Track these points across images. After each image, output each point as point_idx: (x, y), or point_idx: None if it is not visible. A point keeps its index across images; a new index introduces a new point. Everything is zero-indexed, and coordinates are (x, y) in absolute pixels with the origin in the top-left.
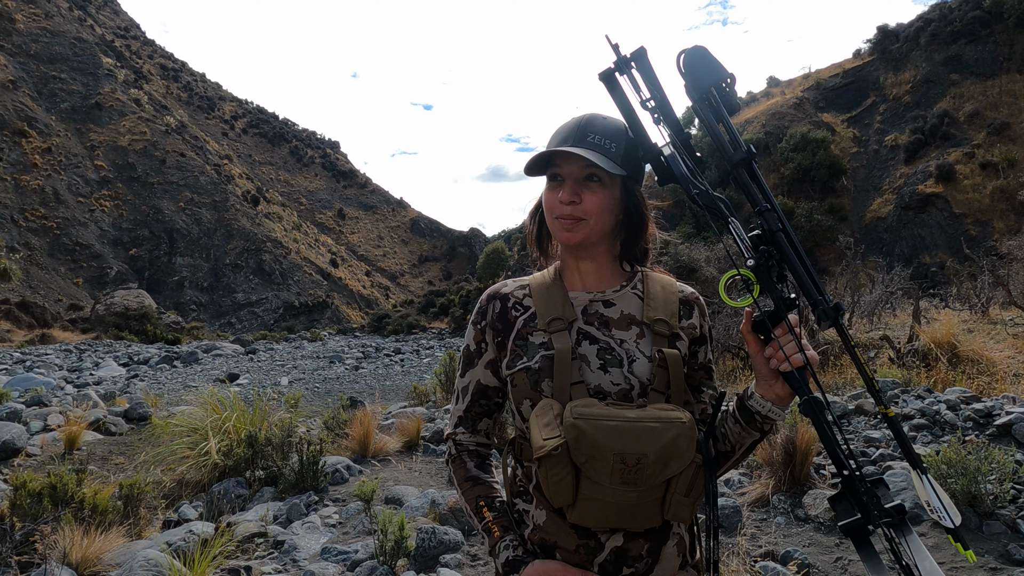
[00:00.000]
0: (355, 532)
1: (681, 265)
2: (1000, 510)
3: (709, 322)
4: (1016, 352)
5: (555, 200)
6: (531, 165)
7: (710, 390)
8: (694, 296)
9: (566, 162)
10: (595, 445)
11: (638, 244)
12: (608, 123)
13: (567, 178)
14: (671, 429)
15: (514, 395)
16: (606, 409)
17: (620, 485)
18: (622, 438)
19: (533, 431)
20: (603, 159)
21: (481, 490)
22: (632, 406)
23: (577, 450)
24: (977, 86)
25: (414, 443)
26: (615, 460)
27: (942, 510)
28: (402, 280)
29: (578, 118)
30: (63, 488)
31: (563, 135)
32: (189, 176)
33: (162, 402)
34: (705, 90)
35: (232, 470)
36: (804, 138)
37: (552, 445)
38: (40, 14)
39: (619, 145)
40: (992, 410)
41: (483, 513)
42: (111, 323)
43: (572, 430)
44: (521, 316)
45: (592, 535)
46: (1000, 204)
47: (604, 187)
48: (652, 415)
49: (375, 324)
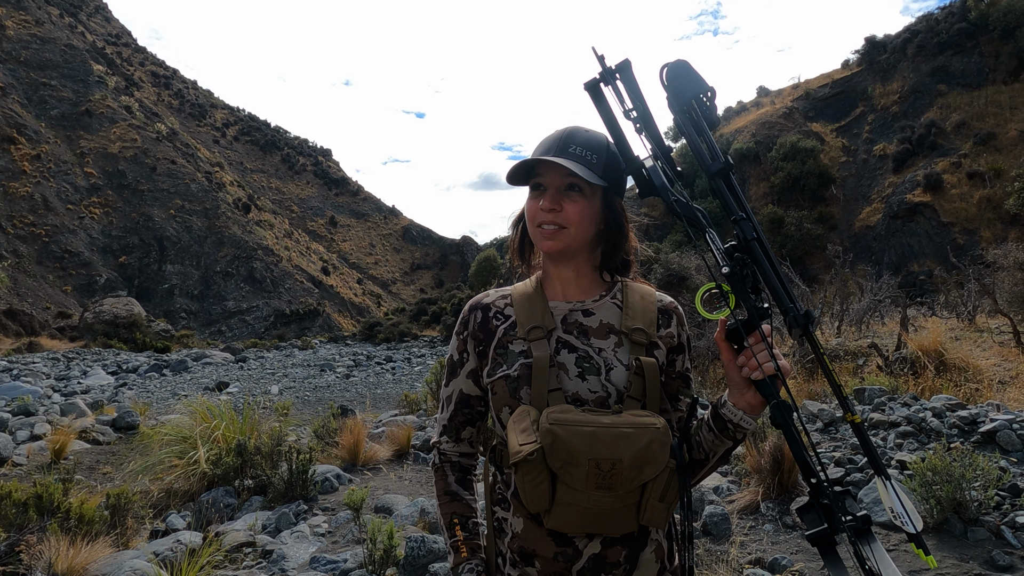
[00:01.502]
0: (344, 541)
1: (671, 273)
2: (984, 516)
3: (687, 331)
4: (1002, 360)
5: (536, 208)
6: (513, 174)
7: (686, 398)
8: (672, 306)
9: (548, 171)
10: (570, 450)
11: (618, 255)
12: (590, 136)
13: (548, 187)
14: (645, 435)
15: (494, 403)
16: (582, 415)
17: (595, 490)
18: (597, 443)
19: (510, 437)
20: (584, 170)
21: (457, 507)
22: (608, 412)
23: (553, 455)
24: (963, 97)
25: (404, 451)
26: (590, 465)
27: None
28: (394, 288)
29: (561, 130)
30: (49, 498)
31: (546, 146)
32: (180, 183)
33: (151, 411)
34: (686, 102)
35: (221, 479)
36: (794, 147)
37: (528, 450)
38: (30, 20)
39: (600, 157)
40: (977, 417)
41: (455, 531)
42: (100, 331)
43: (548, 435)
44: (502, 325)
45: (570, 542)
46: (987, 213)
47: (584, 197)
48: (627, 421)
49: (366, 332)
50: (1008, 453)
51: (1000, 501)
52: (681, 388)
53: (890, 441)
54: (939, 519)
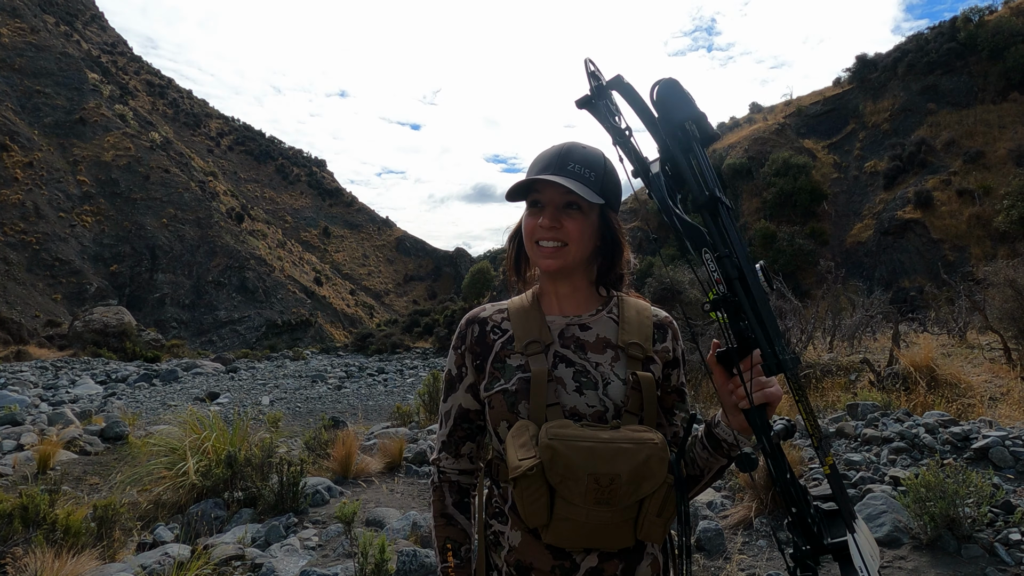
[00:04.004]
0: (335, 555)
1: (665, 287)
2: (978, 533)
3: (682, 346)
4: (993, 376)
5: (535, 225)
6: (513, 192)
7: (682, 412)
8: (668, 320)
9: (547, 189)
10: (569, 465)
11: (614, 270)
12: (587, 152)
13: (547, 204)
14: (644, 450)
15: (491, 417)
16: (580, 430)
17: (594, 505)
18: (596, 459)
19: (509, 452)
20: (583, 188)
21: (452, 532)
22: (606, 427)
23: (552, 470)
24: (953, 115)
25: (396, 464)
26: (589, 480)
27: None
28: (387, 299)
29: (559, 146)
30: (35, 509)
31: (544, 163)
32: (173, 192)
33: (140, 421)
34: (677, 125)
35: (210, 491)
36: (786, 163)
37: (527, 465)
38: (26, 28)
39: (598, 174)
40: (969, 434)
41: (447, 557)
42: (89, 340)
43: (547, 451)
44: (499, 339)
45: (567, 555)
46: (976, 230)
47: (583, 214)
48: (625, 436)
49: (359, 343)
50: (1001, 470)
51: (993, 518)
52: (676, 403)
53: (883, 457)
54: (933, 536)
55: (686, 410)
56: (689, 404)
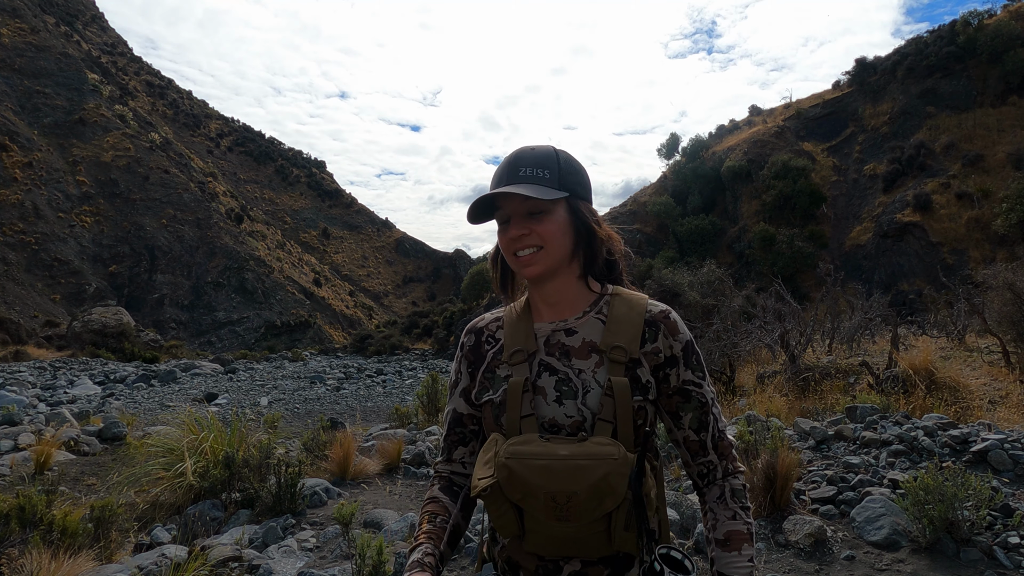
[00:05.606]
0: (332, 556)
1: (664, 289)
2: (977, 536)
3: (686, 337)
4: (992, 379)
5: (507, 239)
6: (473, 214)
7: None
8: (662, 316)
9: (507, 202)
10: (526, 484)
11: (598, 258)
12: (537, 152)
13: (512, 215)
14: (602, 467)
15: (484, 427)
16: (539, 446)
17: (555, 521)
18: (552, 477)
19: (476, 468)
20: (540, 189)
21: (431, 506)
22: (570, 441)
23: (510, 489)
24: (952, 119)
25: (395, 466)
26: (546, 498)
27: None
28: (386, 300)
29: (508, 156)
30: (32, 510)
31: (497, 177)
32: (172, 193)
33: (138, 422)
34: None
35: (208, 492)
36: (785, 166)
37: (483, 485)
38: (26, 28)
39: (552, 170)
40: (968, 437)
41: (422, 524)
42: (88, 340)
43: (503, 470)
44: (491, 349)
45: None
46: (975, 233)
47: (549, 215)
48: (585, 452)
49: (358, 344)
50: (1000, 473)
51: (992, 521)
52: (681, 404)
53: (882, 460)
54: (932, 539)
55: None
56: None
